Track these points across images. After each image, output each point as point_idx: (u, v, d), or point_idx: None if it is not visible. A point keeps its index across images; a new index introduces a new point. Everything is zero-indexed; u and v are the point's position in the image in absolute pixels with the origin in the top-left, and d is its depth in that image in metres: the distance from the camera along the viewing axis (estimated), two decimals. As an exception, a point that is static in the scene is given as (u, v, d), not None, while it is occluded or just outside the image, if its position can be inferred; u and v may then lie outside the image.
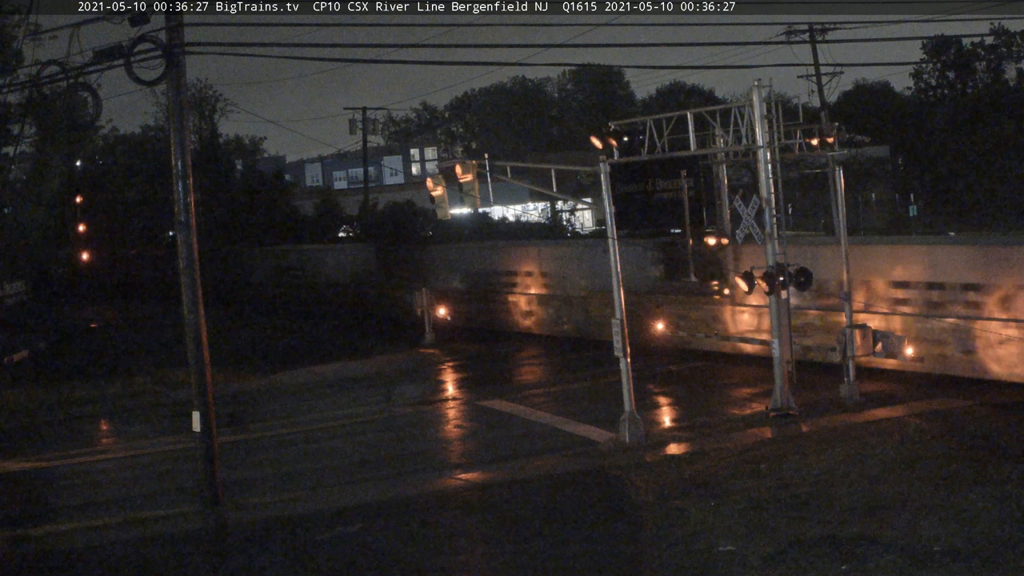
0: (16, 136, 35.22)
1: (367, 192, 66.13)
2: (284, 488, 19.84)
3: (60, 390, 31.12)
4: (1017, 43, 68.77)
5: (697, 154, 26.11)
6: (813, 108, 50.68)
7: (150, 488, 20.74)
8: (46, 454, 24.15)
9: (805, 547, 14.40)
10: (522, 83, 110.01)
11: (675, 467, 19.39)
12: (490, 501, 18.31)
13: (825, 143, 23.99)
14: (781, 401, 22.50)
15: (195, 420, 18.55)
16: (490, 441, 23.06)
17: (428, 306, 37.19)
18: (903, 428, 20.70)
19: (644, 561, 14.76)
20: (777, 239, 22.57)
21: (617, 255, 21.51)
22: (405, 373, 32.31)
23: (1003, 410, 21.67)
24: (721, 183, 29.00)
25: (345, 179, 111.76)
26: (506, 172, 25.98)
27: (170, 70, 17.95)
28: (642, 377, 24.61)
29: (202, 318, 18.68)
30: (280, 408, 27.94)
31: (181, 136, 18.53)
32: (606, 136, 23.65)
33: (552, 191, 30.43)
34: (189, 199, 18.59)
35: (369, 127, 65.66)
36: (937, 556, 13.75)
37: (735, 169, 31.03)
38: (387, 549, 16.07)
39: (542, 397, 27.05)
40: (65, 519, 18.82)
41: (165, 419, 26.56)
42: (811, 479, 17.68)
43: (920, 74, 71.94)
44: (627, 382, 21.21)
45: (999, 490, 16.33)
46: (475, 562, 15.57)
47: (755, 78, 24.06)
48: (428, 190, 26.42)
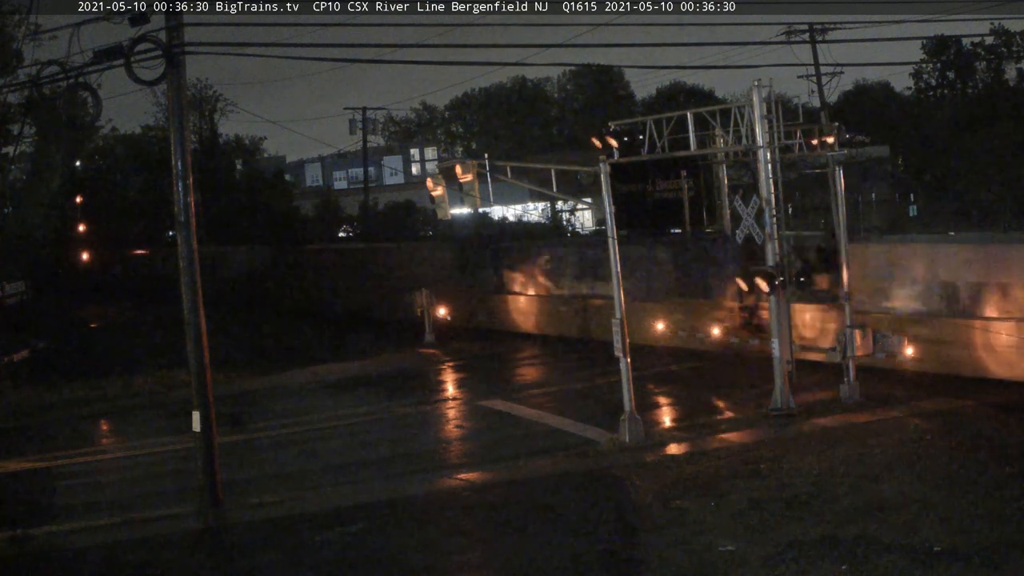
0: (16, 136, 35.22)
1: (367, 192, 66.15)
2: (284, 488, 19.83)
3: (60, 390, 31.15)
4: (1017, 43, 68.81)
5: (697, 154, 26.06)
6: (813, 108, 50.71)
7: (150, 488, 20.74)
8: (46, 454, 24.15)
9: (805, 547, 14.40)
10: (522, 83, 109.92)
11: (675, 467, 19.39)
12: (490, 501, 18.30)
13: (825, 143, 23.98)
14: (781, 401, 22.51)
15: (195, 420, 18.55)
16: (490, 441, 23.06)
17: (428, 306, 37.19)
18: (903, 428, 20.70)
19: (644, 561, 14.75)
20: (777, 239, 22.58)
21: (617, 255, 21.52)
22: (405, 373, 32.32)
23: (1003, 410, 21.66)
24: (721, 183, 28.96)
25: (345, 179, 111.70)
26: (506, 172, 25.98)
27: (170, 70, 17.94)
28: (642, 377, 24.62)
29: (202, 318, 18.69)
30: (280, 408, 27.95)
31: (181, 136, 18.52)
32: (606, 136, 23.63)
33: (552, 191, 30.43)
34: (189, 199, 18.59)
35: (369, 127, 65.69)
36: (937, 556, 13.75)
37: (735, 169, 30.93)
38: (387, 549, 16.07)
39: (542, 397, 27.06)
40: (65, 519, 18.82)
41: (165, 419, 26.55)
42: (811, 479, 17.68)
43: (920, 74, 71.99)
44: (627, 382, 21.21)
45: (999, 490, 16.33)
46: (475, 562, 15.56)
47: (755, 78, 24.05)
48: (428, 190, 26.43)
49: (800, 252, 25.14)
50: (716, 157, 27.66)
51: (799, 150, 24.68)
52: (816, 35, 51.76)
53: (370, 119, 65.81)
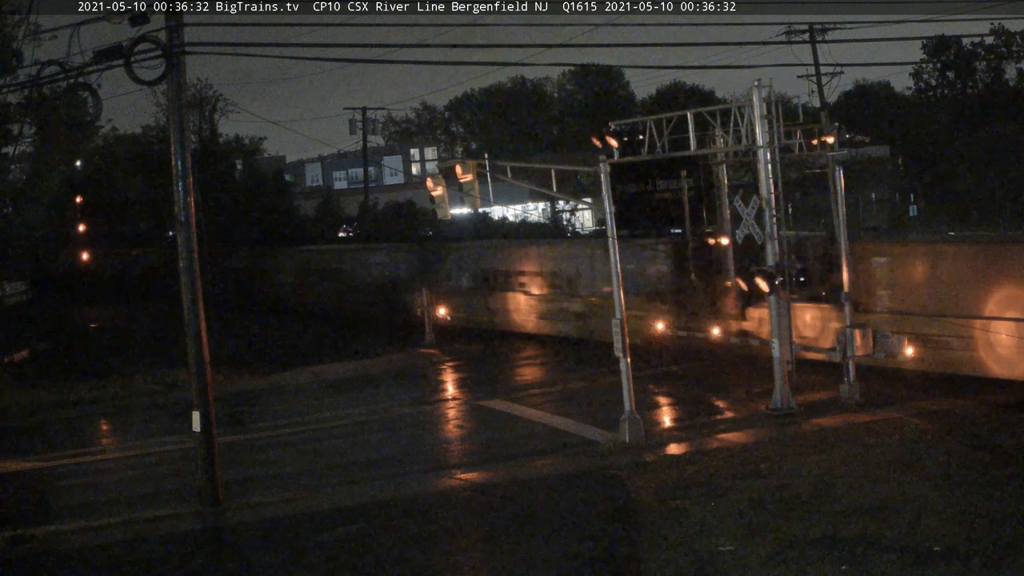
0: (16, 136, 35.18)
1: (367, 192, 66.17)
2: (284, 488, 19.83)
3: (60, 390, 31.11)
4: (1017, 43, 68.84)
5: (697, 154, 26.08)
6: (813, 108, 50.69)
7: (150, 488, 20.74)
8: (46, 454, 24.15)
9: (805, 547, 14.40)
10: (522, 83, 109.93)
11: (675, 467, 19.39)
12: (490, 501, 18.29)
13: (825, 143, 23.99)
14: (781, 401, 22.51)
15: (195, 420, 18.55)
16: (490, 441, 23.06)
17: (428, 306, 37.18)
18: (903, 428, 20.70)
19: (644, 561, 14.75)
20: (777, 239, 22.58)
21: (617, 255, 21.52)
22: (405, 373, 32.32)
23: (1004, 410, 21.66)
24: (721, 183, 28.98)
25: (345, 179, 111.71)
26: (506, 172, 25.99)
27: (170, 70, 17.94)
28: (642, 377, 24.61)
29: (202, 318, 18.69)
30: (280, 408, 27.95)
31: (181, 136, 18.52)
32: (606, 136, 23.63)
33: (552, 191, 30.45)
34: (189, 199, 18.59)
35: (369, 127, 65.70)
36: (937, 556, 13.74)
37: (735, 169, 30.95)
38: (387, 549, 16.06)
39: (542, 397, 27.06)
40: (65, 519, 18.81)
41: (165, 419, 26.53)
42: (811, 479, 17.68)
43: (920, 74, 72.04)
44: (627, 382, 21.21)
45: (999, 490, 16.33)
46: (475, 562, 15.56)
47: (755, 78, 24.03)
48: (428, 190, 26.44)
49: (800, 252, 25.11)
50: (716, 157, 27.68)
51: (799, 150, 24.69)
52: (816, 35, 51.75)
53: (370, 119, 65.85)
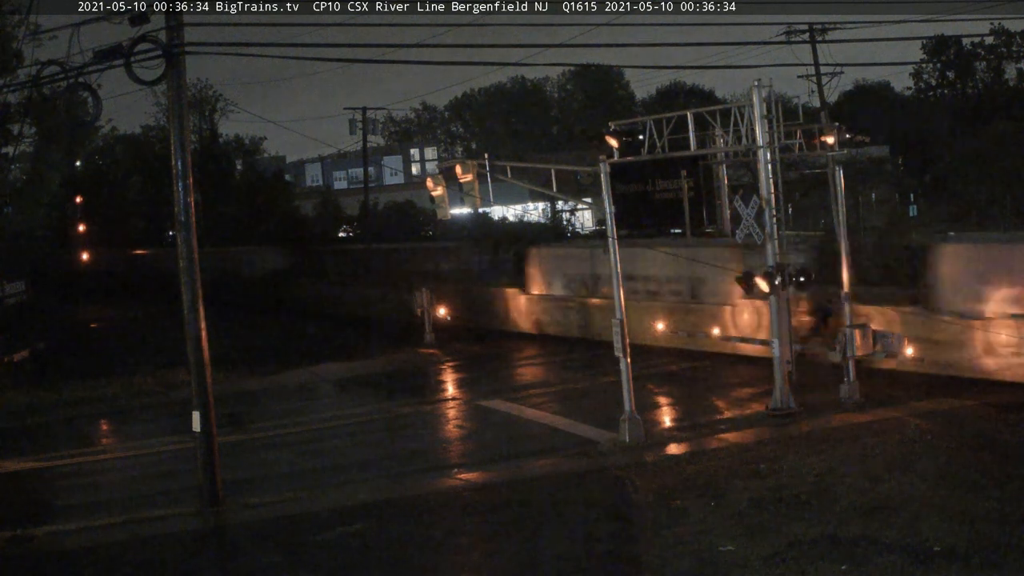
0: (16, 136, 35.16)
1: (367, 192, 66.12)
2: (284, 488, 19.83)
3: (60, 390, 31.12)
4: (1017, 43, 68.90)
5: (697, 154, 26.10)
6: (813, 108, 50.66)
7: (150, 488, 20.75)
8: (46, 454, 24.15)
9: (805, 547, 14.39)
10: (522, 83, 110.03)
11: (675, 467, 19.38)
12: (490, 501, 18.29)
13: (825, 143, 23.98)
14: (781, 401, 22.51)
15: (195, 420, 18.55)
16: (490, 441, 23.06)
17: (428, 306, 37.17)
18: (903, 428, 20.69)
19: (644, 561, 14.75)
20: (777, 239, 22.58)
21: (617, 255, 21.52)
22: (405, 373, 32.32)
23: (1003, 410, 21.64)
24: (721, 183, 29.02)
25: (345, 179, 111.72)
26: (506, 172, 25.99)
27: (170, 70, 17.95)
28: (642, 377, 24.61)
29: (202, 318, 18.68)
30: (280, 408, 27.96)
31: (181, 136, 18.53)
32: (606, 136, 23.63)
33: (552, 191, 30.44)
34: (189, 199, 18.59)
35: (369, 127, 65.63)
36: (937, 556, 13.74)
37: (735, 169, 30.99)
38: (387, 549, 16.07)
39: (542, 397, 27.06)
40: (65, 519, 18.83)
41: (165, 419, 26.55)
42: (811, 479, 17.68)
43: (920, 74, 72.08)
44: (627, 382, 21.21)
45: (999, 490, 16.32)
46: (475, 562, 15.57)
47: (755, 78, 23.96)
48: (428, 190, 26.44)
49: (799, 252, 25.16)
50: (716, 157, 27.71)
51: (799, 150, 24.68)
52: (816, 35, 51.71)
53: (370, 119, 65.71)
